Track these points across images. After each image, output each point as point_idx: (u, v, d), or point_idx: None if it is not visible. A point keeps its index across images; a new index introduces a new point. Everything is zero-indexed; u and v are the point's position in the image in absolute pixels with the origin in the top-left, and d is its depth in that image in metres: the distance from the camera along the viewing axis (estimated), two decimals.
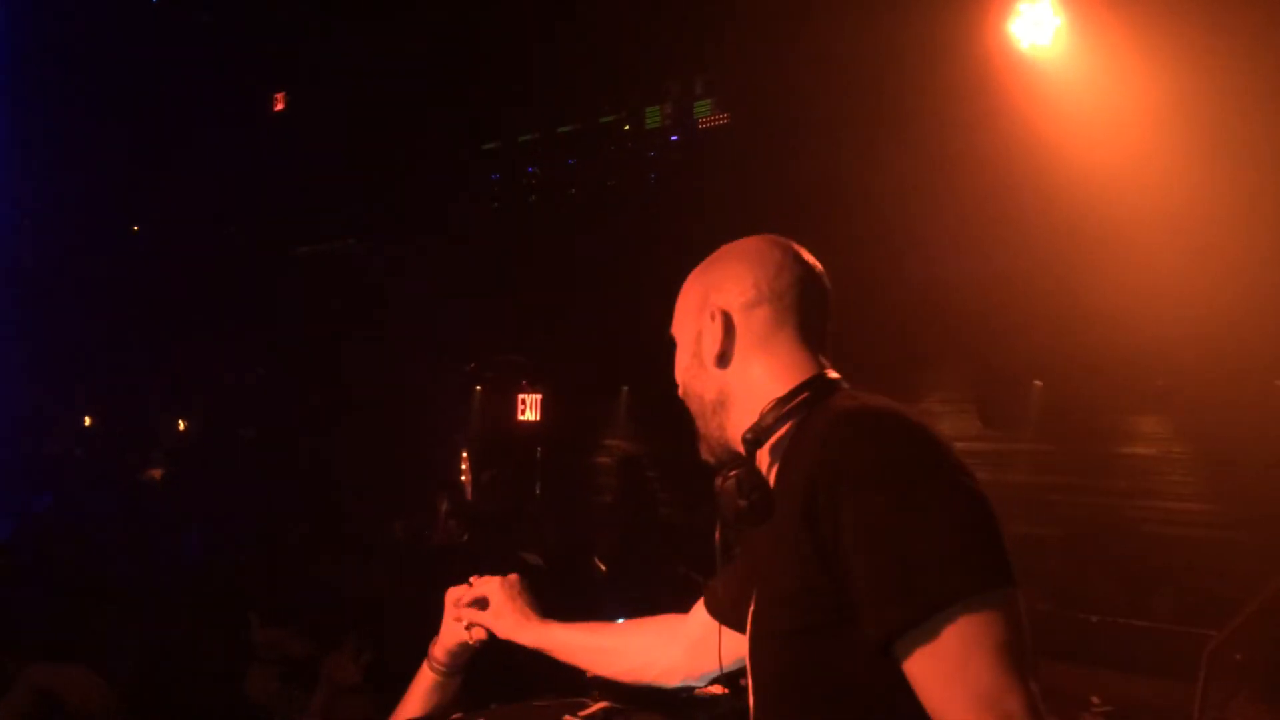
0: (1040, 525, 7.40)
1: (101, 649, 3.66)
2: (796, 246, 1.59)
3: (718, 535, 1.55)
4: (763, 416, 1.43)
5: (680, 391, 1.61)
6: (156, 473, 11.46)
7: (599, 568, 5.31)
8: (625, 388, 11.04)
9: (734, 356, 1.51)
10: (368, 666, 3.60)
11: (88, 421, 13.14)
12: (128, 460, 11.32)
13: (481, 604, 1.99)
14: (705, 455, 1.56)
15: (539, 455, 11.81)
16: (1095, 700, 2.36)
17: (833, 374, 1.50)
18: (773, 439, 1.44)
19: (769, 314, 1.51)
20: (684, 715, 1.87)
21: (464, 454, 12.25)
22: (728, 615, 1.70)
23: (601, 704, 1.84)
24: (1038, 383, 8.31)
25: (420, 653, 1.99)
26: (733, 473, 1.40)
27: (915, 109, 7.42)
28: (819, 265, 1.59)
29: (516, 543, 5.50)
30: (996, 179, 7.05)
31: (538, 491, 11.22)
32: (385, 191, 12.08)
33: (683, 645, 1.86)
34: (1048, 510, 7.67)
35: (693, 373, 1.56)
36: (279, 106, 13.02)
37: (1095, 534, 6.80)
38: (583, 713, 1.82)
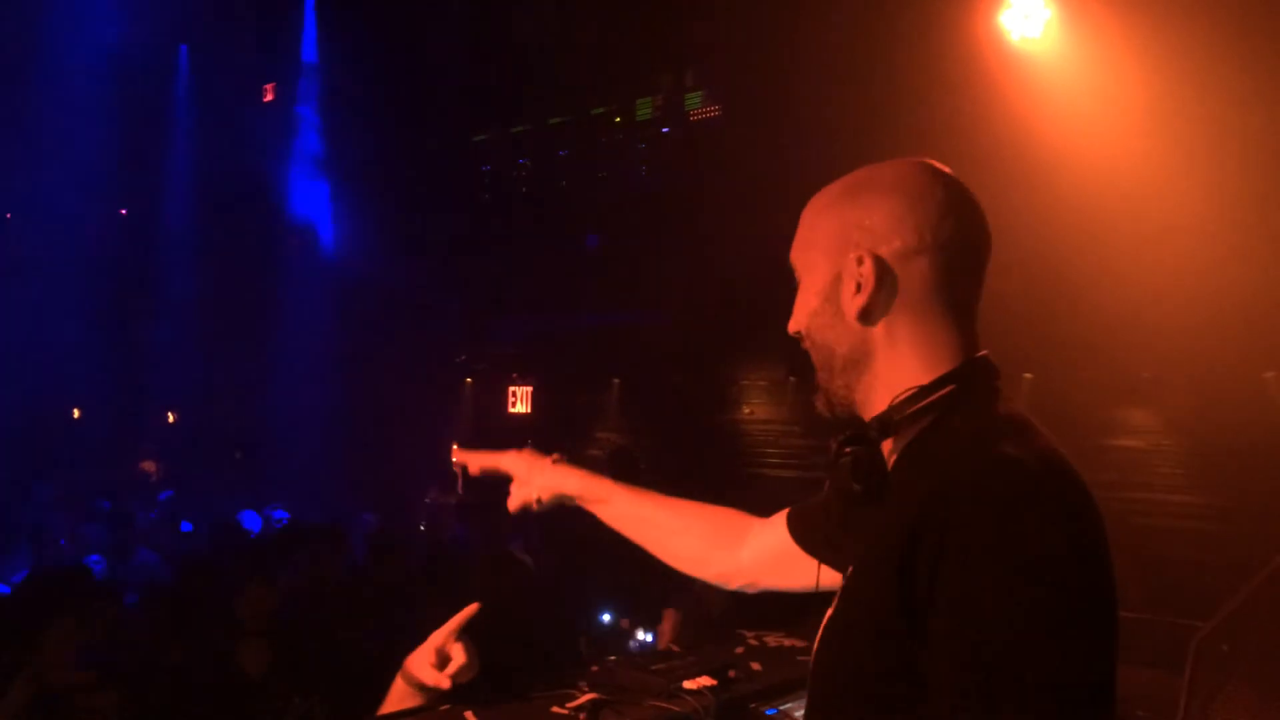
0: None
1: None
2: (961, 183, 1.36)
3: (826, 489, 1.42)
4: (894, 406, 1.25)
5: (798, 333, 1.40)
6: (149, 465, 11.47)
7: (589, 561, 5.30)
8: (616, 380, 11.04)
9: (880, 313, 1.27)
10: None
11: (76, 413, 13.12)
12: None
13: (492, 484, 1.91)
14: (822, 408, 1.35)
15: (529, 447, 11.78)
16: None
17: (984, 358, 1.30)
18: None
19: (928, 269, 1.27)
20: (671, 707, 1.86)
21: (454, 446, 12.21)
22: (819, 549, 1.57)
23: (589, 695, 1.84)
24: (1027, 375, 8.32)
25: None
26: (849, 449, 1.24)
27: (906, 100, 7.42)
28: (981, 207, 1.35)
29: (505, 535, 5.48)
30: (985, 170, 7.01)
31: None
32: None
33: (753, 552, 1.73)
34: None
35: (824, 320, 1.33)
36: (268, 97, 13.00)
37: None
38: (571, 704, 1.81)
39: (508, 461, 1.93)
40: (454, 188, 11.95)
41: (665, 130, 10.46)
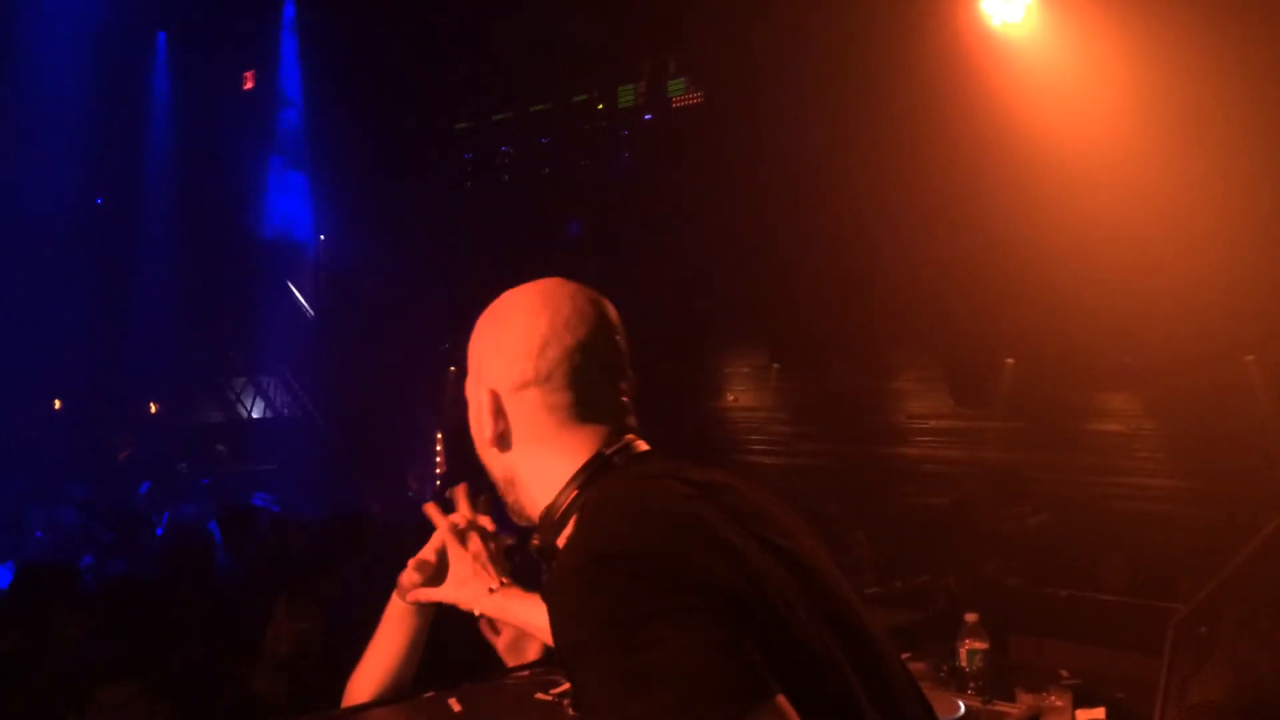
0: (1011, 502, 7.46)
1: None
2: (577, 302, 1.42)
3: None
4: (540, 527, 1.34)
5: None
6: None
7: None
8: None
9: (512, 440, 1.38)
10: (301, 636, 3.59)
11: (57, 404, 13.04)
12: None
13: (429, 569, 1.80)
14: (515, 520, 1.44)
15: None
16: (1064, 673, 2.38)
17: (615, 448, 1.35)
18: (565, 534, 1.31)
19: (538, 398, 1.36)
20: None
21: (438, 436, 12.21)
22: None
23: None
24: (1009, 360, 8.36)
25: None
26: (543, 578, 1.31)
27: (887, 86, 7.43)
28: (604, 314, 1.43)
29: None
30: (967, 156, 7.07)
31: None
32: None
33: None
34: (1019, 487, 7.73)
35: (480, 445, 1.43)
36: (248, 85, 12.91)
37: (1065, 510, 6.86)
38: (555, 690, 1.82)
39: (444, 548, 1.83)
40: (436, 175, 11.90)
41: (648, 117, 10.44)
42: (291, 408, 13.25)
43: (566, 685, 1.81)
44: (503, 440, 1.39)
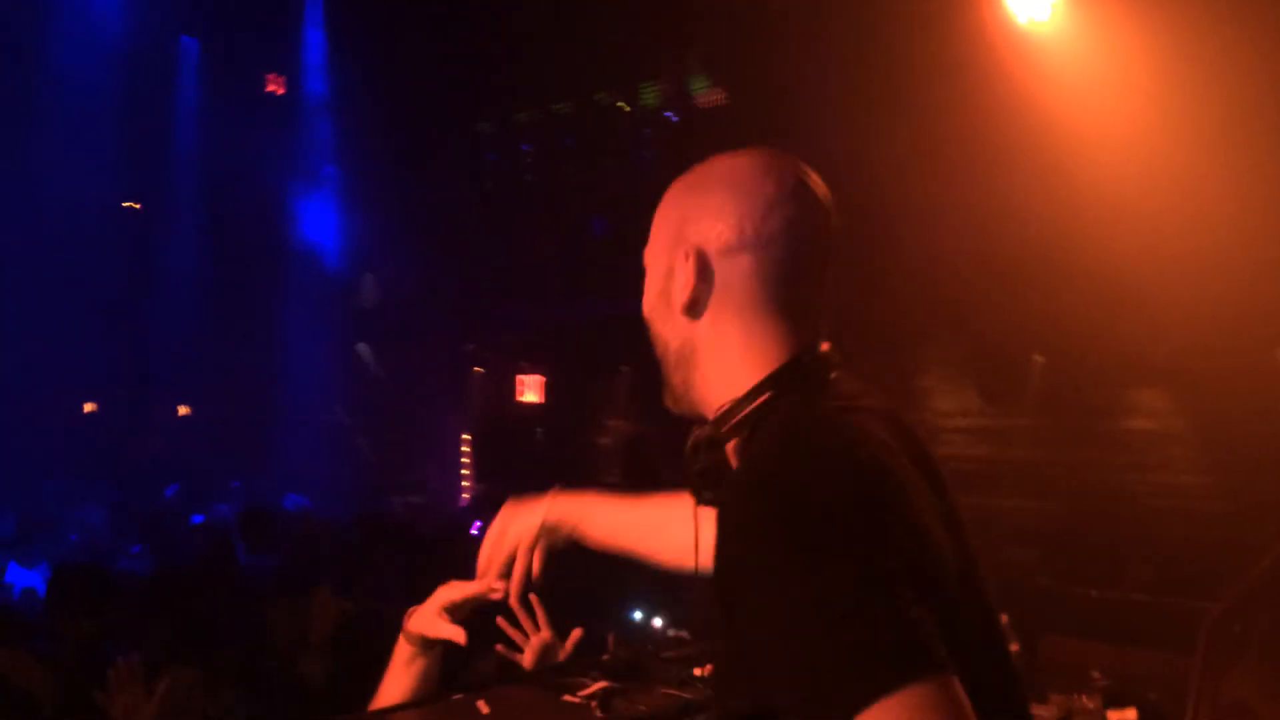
0: (1040, 500, 7.41)
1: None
2: (799, 172, 1.32)
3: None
4: (718, 418, 1.23)
5: (647, 323, 1.38)
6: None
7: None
8: (625, 367, 11.02)
9: (708, 308, 1.27)
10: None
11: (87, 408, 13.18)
12: None
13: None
14: (668, 403, 1.36)
15: (540, 437, 11.81)
16: (1096, 675, 2.37)
17: (809, 357, 1.26)
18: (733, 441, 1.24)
19: (751, 266, 1.26)
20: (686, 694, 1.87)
21: (464, 436, 12.25)
22: None
23: (601, 684, 1.84)
24: (1038, 357, 8.30)
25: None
26: (700, 465, 1.26)
27: (912, 84, 7.39)
28: (825, 196, 1.33)
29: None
30: (994, 154, 7.02)
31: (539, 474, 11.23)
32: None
33: None
34: (1048, 485, 7.68)
35: (659, 313, 1.34)
36: (275, 89, 12.98)
37: (1095, 508, 6.81)
38: (582, 692, 1.82)
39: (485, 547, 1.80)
40: (458, 177, 11.93)
41: (670, 115, 10.42)
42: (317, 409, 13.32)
43: (594, 687, 1.82)
44: (695, 307, 1.28)
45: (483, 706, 1.77)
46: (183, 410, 13.47)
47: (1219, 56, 5.96)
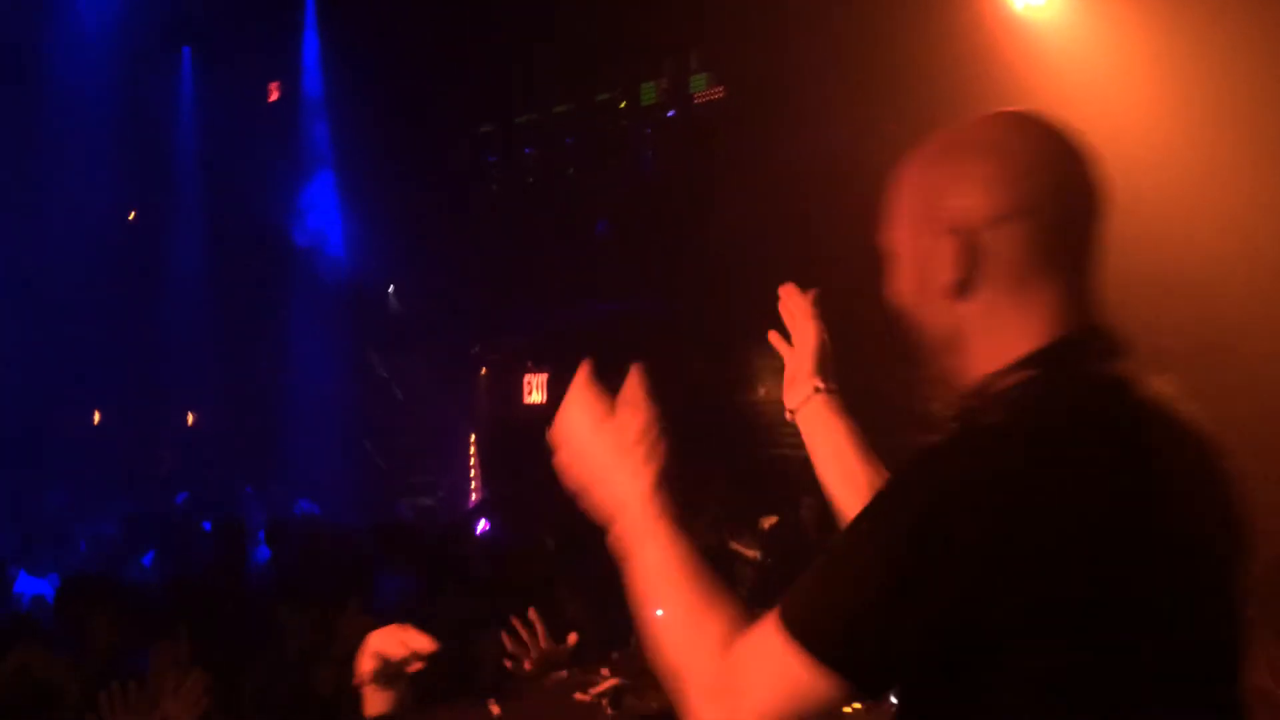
0: None
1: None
2: (1055, 127, 1.21)
3: None
4: (973, 394, 1.18)
5: (896, 313, 1.29)
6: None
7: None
8: (633, 366, 11.00)
9: (971, 289, 1.17)
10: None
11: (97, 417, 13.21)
12: None
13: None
14: (930, 395, 1.30)
15: (549, 438, 11.78)
16: None
17: (1085, 331, 1.20)
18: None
19: (1018, 236, 1.15)
20: None
21: (472, 438, 12.26)
22: None
23: (612, 681, 1.84)
24: None
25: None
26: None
27: (910, 76, 7.36)
28: (1087, 149, 1.21)
29: (531, 528, 5.51)
30: None
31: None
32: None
33: None
34: None
35: (917, 299, 1.23)
36: (273, 96, 13.00)
37: None
38: (594, 690, 1.82)
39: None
40: (460, 180, 11.93)
41: (670, 114, 10.42)
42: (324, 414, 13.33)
43: (604, 686, 1.81)
44: (964, 288, 1.17)
45: (494, 707, 1.77)
46: (191, 418, 13.50)
47: (1222, 42, 5.93)
